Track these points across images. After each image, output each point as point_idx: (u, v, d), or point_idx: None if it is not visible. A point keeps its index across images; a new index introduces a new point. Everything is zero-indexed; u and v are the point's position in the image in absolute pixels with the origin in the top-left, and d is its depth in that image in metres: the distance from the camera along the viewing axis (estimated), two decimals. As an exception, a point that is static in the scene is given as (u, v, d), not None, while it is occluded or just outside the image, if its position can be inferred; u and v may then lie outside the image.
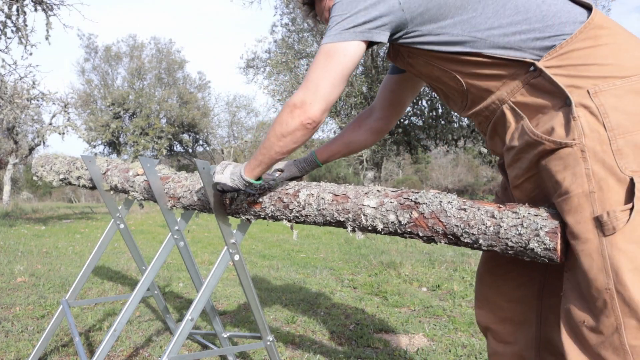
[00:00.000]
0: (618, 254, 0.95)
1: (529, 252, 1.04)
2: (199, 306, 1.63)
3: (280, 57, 12.61)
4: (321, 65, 1.15)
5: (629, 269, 0.94)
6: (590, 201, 0.97)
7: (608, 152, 0.97)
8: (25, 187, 23.94)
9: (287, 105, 1.18)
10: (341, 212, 1.29)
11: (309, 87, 1.15)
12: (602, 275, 0.96)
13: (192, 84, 25.86)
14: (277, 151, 1.23)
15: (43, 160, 2.40)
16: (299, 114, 1.16)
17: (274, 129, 1.21)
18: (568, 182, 1.00)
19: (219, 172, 1.38)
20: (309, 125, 1.17)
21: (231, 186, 1.35)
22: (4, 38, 8.38)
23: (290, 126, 1.17)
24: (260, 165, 1.28)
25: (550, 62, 1.05)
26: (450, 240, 1.13)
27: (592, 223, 0.97)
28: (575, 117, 0.99)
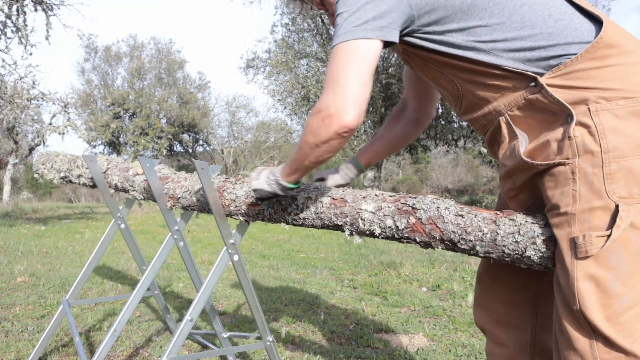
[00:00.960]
0: (583, 279, 0.96)
1: (525, 260, 1.04)
2: (198, 306, 1.63)
3: (280, 57, 12.61)
4: (344, 64, 1.05)
5: (593, 291, 0.96)
6: (570, 222, 0.97)
7: (599, 175, 0.95)
8: (25, 187, 23.95)
9: (316, 112, 1.08)
10: (339, 216, 1.29)
11: (338, 91, 1.05)
12: (570, 296, 0.98)
13: (192, 84, 25.85)
14: (311, 161, 1.16)
15: (44, 158, 2.41)
16: (334, 123, 1.06)
17: (306, 139, 1.12)
18: (556, 200, 1.00)
19: (255, 178, 1.33)
20: (345, 133, 1.07)
21: (268, 191, 1.31)
22: (4, 38, 8.38)
23: (324, 136, 1.08)
24: (296, 172, 1.23)
25: (553, 80, 1.02)
26: (447, 246, 1.13)
27: (568, 244, 0.97)
28: (571, 137, 0.98)
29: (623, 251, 0.94)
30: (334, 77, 1.07)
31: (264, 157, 25.22)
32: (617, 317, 0.95)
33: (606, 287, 0.95)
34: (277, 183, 1.28)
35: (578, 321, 0.98)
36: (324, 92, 1.08)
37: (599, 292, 0.95)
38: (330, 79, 1.08)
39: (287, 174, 1.25)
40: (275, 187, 1.29)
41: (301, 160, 1.18)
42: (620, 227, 0.93)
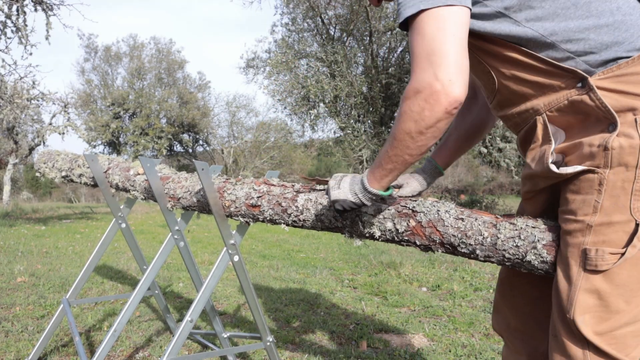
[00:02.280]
0: (586, 291, 0.94)
1: (526, 265, 1.04)
2: (198, 307, 1.63)
3: (280, 57, 12.60)
4: (437, 31, 0.92)
5: (592, 304, 0.94)
6: (585, 232, 0.94)
7: (628, 190, 0.91)
8: (25, 187, 23.94)
9: (414, 93, 0.94)
10: (339, 218, 1.29)
11: (437, 62, 0.91)
12: (568, 303, 0.97)
13: (192, 84, 25.87)
14: (413, 153, 1.00)
15: (46, 157, 2.41)
16: (441, 100, 0.92)
17: (406, 127, 0.97)
18: (575, 206, 0.97)
19: (335, 187, 1.16)
20: (455, 109, 0.93)
21: (353, 202, 1.13)
22: (4, 38, 8.38)
23: (432, 118, 0.94)
24: (391, 173, 1.06)
25: (603, 83, 0.94)
26: (447, 250, 1.13)
27: (579, 253, 0.95)
28: (609, 147, 0.91)
29: (634, 269, 0.92)
30: (427, 48, 0.93)
31: (264, 157, 25.22)
32: (612, 331, 0.94)
33: (608, 302, 0.93)
34: (365, 191, 1.11)
35: (571, 329, 0.97)
36: (417, 69, 0.94)
37: (600, 306, 0.94)
38: (422, 52, 0.93)
39: (379, 178, 1.08)
40: (362, 197, 1.12)
41: (399, 155, 1.01)
42: (636, 246, 0.90)
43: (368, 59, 12.77)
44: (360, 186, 1.12)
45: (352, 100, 12.26)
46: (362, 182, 1.11)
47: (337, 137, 13.74)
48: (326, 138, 14.70)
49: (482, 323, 2.98)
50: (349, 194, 1.13)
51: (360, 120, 12.68)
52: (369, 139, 12.42)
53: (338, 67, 12.02)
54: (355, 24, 12.77)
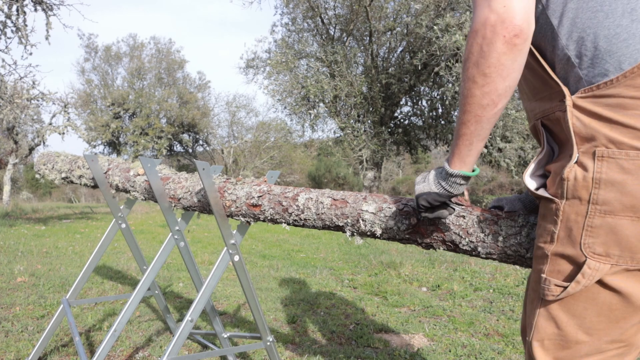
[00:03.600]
0: (544, 317, 0.94)
1: (527, 261, 1.04)
2: (198, 307, 1.63)
3: (280, 57, 12.61)
4: None
5: (551, 332, 0.93)
6: (544, 260, 0.93)
7: (580, 224, 0.87)
8: (25, 187, 23.93)
9: (472, 34, 0.88)
10: (340, 217, 1.29)
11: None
12: (530, 327, 0.96)
13: (192, 84, 25.85)
14: (483, 103, 0.89)
15: (45, 158, 2.41)
16: (497, 29, 0.83)
17: (469, 74, 0.88)
18: (539, 231, 0.96)
19: (420, 182, 1.07)
20: (516, 37, 0.84)
21: (437, 192, 1.02)
22: (4, 38, 8.37)
23: (491, 52, 0.84)
24: (468, 140, 0.94)
25: (582, 102, 0.87)
26: (449, 247, 1.13)
27: (538, 278, 0.94)
28: (564, 177, 0.88)
29: (590, 303, 0.89)
30: None
31: (264, 157, 25.21)
32: (572, 359, 0.93)
33: (566, 332, 0.92)
34: (447, 177, 0.99)
35: (529, 351, 0.97)
36: (476, 9, 0.88)
37: (558, 335, 0.93)
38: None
39: (458, 153, 0.97)
40: (446, 185, 1.00)
41: (471, 112, 0.91)
42: (579, 283, 0.88)
43: (368, 59, 12.78)
44: (442, 173, 1.01)
45: (352, 100, 12.27)
46: (443, 168, 1.01)
47: (337, 137, 13.74)
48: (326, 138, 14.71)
49: (482, 323, 2.98)
50: (433, 185, 1.03)
51: (360, 120, 12.69)
52: (369, 139, 12.42)
53: (338, 67, 12.03)
54: (355, 24, 12.77)
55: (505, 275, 4.26)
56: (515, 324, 2.95)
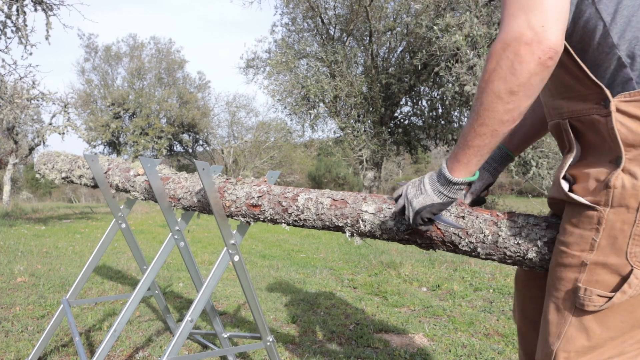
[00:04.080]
0: (576, 327, 0.90)
1: (527, 262, 1.04)
2: (198, 307, 1.63)
3: (280, 57, 12.60)
4: None
5: (580, 344, 0.90)
6: (580, 269, 0.89)
7: (626, 232, 0.84)
8: (25, 187, 23.93)
9: (503, 47, 0.82)
10: (339, 217, 1.29)
11: (531, 6, 0.80)
12: (555, 336, 0.93)
13: (192, 84, 25.85)
14: (504, 119, 0.85)
15: (45, 158, 2.41)
16: (534, 49, 0.79)
17: (494, 87, 0.84)
18: (572, 239, 0.91)
19: (417, 195, 1.01)
20: (550, 60, 0.81)
21: (441, 203, 0.98)
22: (4, 38, 8.37)
23: (524, 72, 0.81)
24: (480, 151, 0.91)
25: (626, 106, 0.83)
26: (449, 248, 1.13)
27: (572, 288, 0.91)
28: (610, 185, 0.84)
29: (628, 316, 0.87)
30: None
31: (264, 157, 25.21)
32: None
33: (596, 342, 0.89)
34: (449, 185, 0.96)
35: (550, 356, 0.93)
36: (507, 17, 0.83)
37: (588, 347, 0.90)
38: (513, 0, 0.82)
39: (465, 162, 0.93)
40: (448, 193, 0.97)
41: (488, 125, 0.87)
42: (625, 293, 0.85)
43: (368, 59, 12.78)
44: (442, 181, 0.97)
45: (352, 100, 12.27)
46: (444, 175, 0.96)
47: (337, 137, 13.74)
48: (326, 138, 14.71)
49: (482, 323, 2.98)
50: (434, 195, 0.98)
51: (360, 120, 12.68)
52: (369, 139, 12.42)
53: (338, 67, 12.02)
54: (355, 24, 12.77)
55: (505, 275, 4.26)
56: (515, 324, 2.95)
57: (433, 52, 9.59)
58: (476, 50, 8.72)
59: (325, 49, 12.20)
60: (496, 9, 9.41)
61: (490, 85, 0.84)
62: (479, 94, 0.87)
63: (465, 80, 8.58)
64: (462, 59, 8.67)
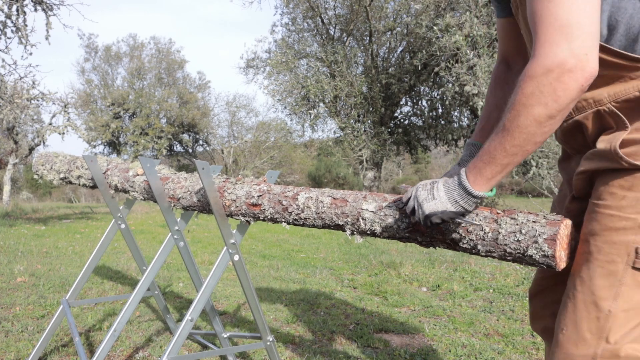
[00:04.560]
0: (631, 286, 0.94)
1: (527, 259, 1.04)
2: (198, 306, 1.63)
3: (280, 57, 12.61)
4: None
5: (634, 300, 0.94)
6: (636, 231, 0.93)
7: None
8: (25, 187, 23.94)
9: (544, 72, 0.84)
10: (340, 216, 1.29)
11: (573, 34, 0.81)
12: (609, 298, 0.95)
13: (192, 84, 25.86)
14: (537, 141, 0.88)
15: (43, 159, 2.41)
16: (577, 77, 0.82)
17: (533, 111, 0.85)
18: (625, 203, 0.94)
19: (428, 199, 1.01)
20: (588, 84, 0.84)
21: (454, 211, 0.99)
22: (4, 38, 8.38)
23: (566, 98, 0.83)
24: (505, 169, 0.94)
25: None
26: (449, 245, 1.13)
27: (626, 250, 0.94)
28: None
29: None
30: (560, 17, 0.82)
31: (264, 157, 25.21)
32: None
33: None
34: (468, 196, 0.97)
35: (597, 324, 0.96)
36: (546, 42, 0.84)
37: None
38: (552, 22, 0.83)
39: (489, 177, 0.95)
40: (465, 204, 0.98)
41: (521, 146, 0.89)
42: None
43: (368, 59, 12.78)
44: (461, 192, 0.98)
45: (352, 100, 12.27)
46: (464, 187, 0.97)
47: (337, 137, 13.74)
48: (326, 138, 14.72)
49: (482, 323, 2.98)
50: (448, 203, 0.99)
51: (360, 120, 12.69)
52: (369, 139, 12.42)
53: (338, 67, 12.02)
54: (355, 24, 12.77)
55: (506, 275, 4.26)
56: (515, 324, 2.95)
57: (433, 52, 9.59)
58: (476, 50, 8.71)
59: (325, 49, 12.20)
60: (496, 9, 9.40)
61: (529, 109, 0.86)
62: (514, 116, 0.88)
63: (465, 80, 8.58)
64: (462, 59, 8.67)
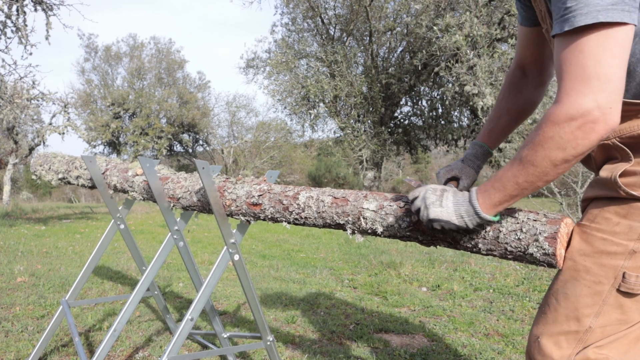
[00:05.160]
0: (612, 306, 0.99)
1: (528, 257, 1.04)
2: (198, 306, 1.63)
3: (280, 57, 12.61)
4: (603, 52, 0.83)
5: (615, 318, 1.00)
6: (627, 256, 0.97)
7: None
8: (25, 187, 23.94)
9: (568, 119, 0.86)
10: (341, 215, 1.29)
11: (599, 87, 0.84)
12: (591, 316, 1.00)
13: (192, 84, 25.86)
14: (549, 179, 0.92)
15: (42, 159, 2.40)
16: (599, 129, 0.85)
17: (551, 154, 0.89)
18: (618, 229, 0.98)
19: (435, 204, 1.04)
20: (605, 137, 0.89)
21: (457, 224, 1.03)
22: (4, 38, 8.37)
23: (584, 146, 0.87)
24: (513, 199, 0.97)
25: None
26: (450, 244, 1.13)
27: (614, 273, 0.98)
28: None
29: None
30: (588, 69, 0.84)
31: (264, 157, 25.21)
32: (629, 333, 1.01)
33: (628, 316, 0.99)
34: (474, 216, 1.01)
35: (575, 336, 1.01)
36: (572, 91, 0.86)
37: (619, 321, 1.00)
38: (580, 73, 0.85)
39: (496, 204, 0.99)
40: (469, 221, 1.02)
41: (532, 182, 0.93)
42: None
43: (368, 59, 12.78)
44: (469, 209, 1.01)
45: (352, 100, 12.27)
46: (473, 206, 1.01)
47: (337, 137, 13.75)
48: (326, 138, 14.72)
49: (482, 323, 2.98)
50: (454, 215, 1.02)
51: (360, 120, 12.69)
52: (369, 139, 12.43)
53: (338, 67, 12.03)
54: (355, 24, 12.77)
55: (505, 275, 4.26)
56: (515, 324, 2.95)
57: (433, 52, 9.59)
58: (476, 50, 8.71)
59: (325, 49, 12.20)
60: (496, 9, 9.42)
61: (546, 151, 0.89)
62: (529, 153, 0.92)
63: (465, 80, 8.58)
64: (462, 59, 8.67)
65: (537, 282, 3.95)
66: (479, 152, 1.33)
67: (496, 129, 1.33)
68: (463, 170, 1.31)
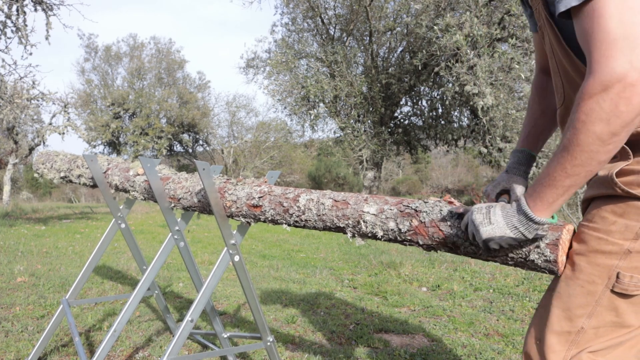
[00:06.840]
0: (606, 307, 0.98)
1: (529, 264, 1.04)
2: (199, 307, 1.63)
3: (280, 57, 12.60)
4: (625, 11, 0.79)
5: (610, 320, 0.99)
6: (621, 256, 0.96)
7: None
8: (25, 187, 23.93)
9: (603, 88, 0.81)
10: (341, 218, 1.28)
11: (630, 46, 0.79)
12: (584, 316, 1.00)
13: (192, 83, 25.84)
14: (602, 160, 0.85)
15: (44, 157, 2.41)
16: (639, 90, 0.79)
17: (595, 129, 0.83)
18: (614, 228, 0.97)
19: (484, 223, 0.97)
20: None
21: (513, 238, 0.96)
22: (4, 38, 8.37)
23: (630, 113, 0.80)
24: (568, 191, 0.89)
25: None
26: (450, 249, 1.12)
27: (608, 273, 0.97)
28: None
29: None
30: (614, 31, 0.79)
31: (264, 157, 25.20)
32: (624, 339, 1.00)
33: (624, 319, 0.98)
34: (529, 222, 0.94)
35: (567, 337, 1.01)
36: (602, 58, 0.81)
37: (614, 323, 0.99)
38: (606, 37, 0.80)
39: (551, 201, 0.91)
40: (525, 230, 0.95)
41: (583, 166, 0.86)
42: None
43: (368, 59, 12.78)
44: (521, 217, 0.94)
45: (352, 100, 12.26)
46: (525, 213, 0.94)
47: (337, 137, 13.74)
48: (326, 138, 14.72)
49: (482, 323, 2.98)
50: (507, 229, 0.95)
51: (360, 120, 12.69)
52: (369, 139, 12.42)
53: (338, 67, 12.02)
54: (355, 24, 12.77)
55: (505, 275, 4.26)
56: (515, 324, 2.95)
57: (433, 52, 9.59)
58: (476, 50, 8.71)
59: (325, 49, 12.19)
60: (496, 9, 9.42)
61: (589, 126, 0.83)
62: (574, 135, 0.85)
63: (466, 80, 8.58)
64: (462, 59, 8.67)
65: (537, 282, 3.95)
66: (521, 157, 1.28)
67: (533, 132, 1.29)
68: (510, 180, 1.25)
